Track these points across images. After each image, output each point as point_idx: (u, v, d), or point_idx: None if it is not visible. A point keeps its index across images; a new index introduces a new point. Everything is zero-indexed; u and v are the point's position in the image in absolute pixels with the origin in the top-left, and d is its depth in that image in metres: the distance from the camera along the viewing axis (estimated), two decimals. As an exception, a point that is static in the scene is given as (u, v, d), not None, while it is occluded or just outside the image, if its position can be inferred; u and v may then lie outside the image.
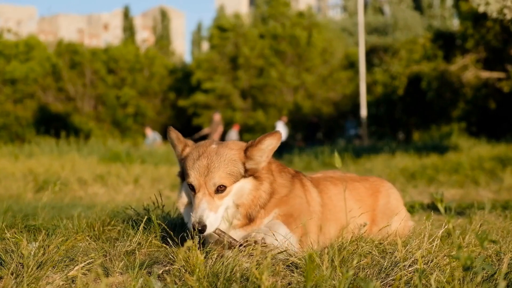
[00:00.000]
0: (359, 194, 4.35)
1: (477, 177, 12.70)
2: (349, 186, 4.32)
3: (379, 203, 4.41)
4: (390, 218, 4.33)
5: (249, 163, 3.67)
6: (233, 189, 3.61)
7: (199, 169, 3.59)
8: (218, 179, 3.56)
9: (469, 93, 30.62)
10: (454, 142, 21.86)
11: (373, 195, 4.43)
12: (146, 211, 4.53)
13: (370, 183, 4.53)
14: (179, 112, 47.66)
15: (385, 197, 4.46)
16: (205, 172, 3.57)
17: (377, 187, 4.51)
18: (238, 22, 46.88)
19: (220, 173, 3.57)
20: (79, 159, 16.48)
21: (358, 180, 4.53)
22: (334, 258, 3.20)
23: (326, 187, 4.23)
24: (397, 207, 4.45)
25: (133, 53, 48.22)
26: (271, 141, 3.70)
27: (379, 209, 4.38)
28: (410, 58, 33.55)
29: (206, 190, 3.56)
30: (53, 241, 3.63)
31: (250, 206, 3.66)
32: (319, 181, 4.27)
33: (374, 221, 4.32)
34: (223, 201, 3.57)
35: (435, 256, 3.38)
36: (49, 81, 45.11)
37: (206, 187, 3.56)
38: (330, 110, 43.24)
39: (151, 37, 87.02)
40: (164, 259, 3.58)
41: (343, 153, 19.00)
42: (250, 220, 3.68)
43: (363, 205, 4.31)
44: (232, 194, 3.61)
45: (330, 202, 4.13)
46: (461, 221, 5.33)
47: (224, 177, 3.57)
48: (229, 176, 3.59)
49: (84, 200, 10.15)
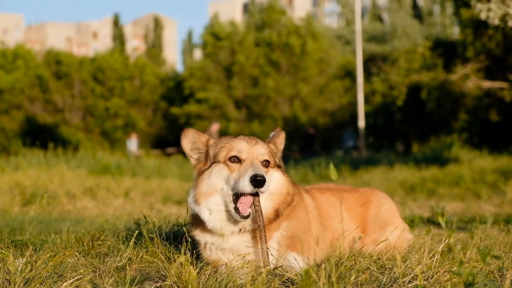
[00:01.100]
0: (348, 204, 4.36)
1: (478, 190, 12.72)
2: (338, 195, 4.34)
3: (370, 213, 4.42)
4: (383, 228, 4.35)
5: (277, 154, 3.79)
6: (271, 174, 3.64)
7: (246, 140, 3.65)
8: (265, 151, 3.63)
9: (470, 104, 30.70)
10: (454, 154, 21.87)
11: (364, 205, 4.45)
12: (137, 226, 4.53)
13: (360, 193, 4.56)
14: (171, 122, 47.63)
15: (376, 207, 4.47)
16: (253, 142, 3.64)
17: (368, 197, 4.52)
18: (233, 30, 46.95)
19: (266, 148, 3.65)
20: (67, 172, 16.44)
21: (348, 191, 4.55)
22: (331, 274, 3.20)
23: (313, 195, 4.25)
24: (390, 217, 4.45)
25: (121, 62, 48.23)
26: (282, 138, 3.87)
27: (370, 219, 4.39)
28: (409, 68, 33.61)
29: (254, 158, 3.58)
30: (40, 256, 3.62)
31: (283, 200, 3.69)
32: (308, 190, 4.31)
33: (365, 232, 4.33)
34: (267, 174, 3.58)
35: (436, 272, 3.39)
36: (36, 92, 45.09)
37: (255, 155, 3.59)
38: (327, 121, 43.29)
39: (142, 46, 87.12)
40: (155, 275, 3.58)
41: (340, 165, 19.01)
42: (277, 216, 3.67)
43: (353, 215, 4.32)
44: (270, 179, 3.61)
45: (321, 208, 4.16)
46: (462, 235, 5.33)
47: (267, 154, 3.64)
48: (270, 154, 3.67)
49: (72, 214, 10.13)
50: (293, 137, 41.17)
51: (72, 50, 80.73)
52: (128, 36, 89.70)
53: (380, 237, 4.24)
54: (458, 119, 31.78)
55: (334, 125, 43.48)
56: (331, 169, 3.69)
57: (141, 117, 47.35)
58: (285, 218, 3.73)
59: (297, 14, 71.64)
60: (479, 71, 29.28)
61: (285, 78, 43.67)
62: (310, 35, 45.31)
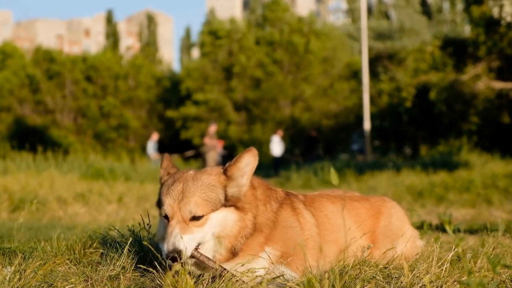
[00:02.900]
0: (358, 215, 4.31)
1: (490, 196, 12.70)
2: (348, 206, 4.28)
3: (380, 224, 4.38)
4: (393, 240, 4.30)
5: (231, 185, 3.57)
6: (211, 218, 3.50)
7: (173, 195, 3.51)
8: (194, 205, 3.45)
9: (481, 105, 30.67)
10: (464, 158, 21.87)
11: (374, 216, 4.40)
12: (131, 232, 4.52)
13: (371, 203, 4.49)
14: (167, 124, 47.69)
15: (387, 218, 4.43)
16: (179, 198, 3.48)
17: (379, 208, 4.47)
18: (233, 28, 46.87)
19: (196, 198, 3.47)
20: (58, 176, 16.42)
21: (358, 200, 4.48)
22: (335, 284, 3.20)
23: (321, 205, 4.19)
24: (400, 228, 4.42)
25: (113, 61, 48.25)
26: (249, 159, 3.60)
27: (380, 231, 4.35)
28: (417, 67, 33.59)
29: (180, 217, 3.45)
30: (30, 265, 3.63)
31: (236, 238, 3.55)
32: (313, 199, 4.22)
33: (375, 244, 4.28)
34: (201, 228, 3.46)
35: (445, 282, 3.39)
36: (26, 92, 45.10)
37: (181, 214, 3.46)
38: (331, 123, 43.28)
39: (136, 44, 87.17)
40: (150, 285, 3.58)
41: (344, 170, 19.00)
42: (234, 254, 3.57)
43: (363, 227, 4.27)
44: (212, 225, 3.50)
45: (327, 221, 4.09)
46: (472, 243, 5.33)
47: (200, 204, 3.46)
48: (206, 202, 3.48)
49: (63, 221, 10.12)
50: (295, 140, 41.20)
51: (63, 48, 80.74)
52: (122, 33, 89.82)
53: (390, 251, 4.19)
54: (469, 121, 31.76)
55: (338, 127, 43.48)
56: (332, 173, 3.65)
57: (135, 118, 47.37)
58: (268, 242, 3.66)
59: (300, 12, 71.62)
60: (490, 71, 29.27)
61: (288, 78, 43.66)
62: (313, 33, 45.29)
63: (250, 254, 3.60)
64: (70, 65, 46.78)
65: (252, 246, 3.63)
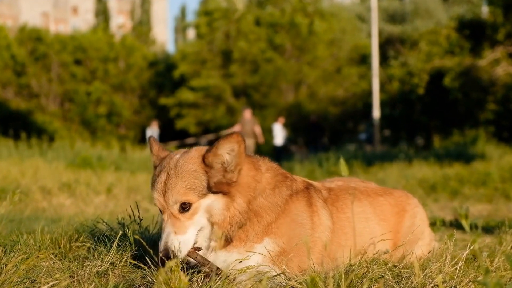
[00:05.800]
0: (383, 213, 4.20)
1: (508, 191, 12.69)
2: (373, 202, 4.20)
3: (404, 224, 4.27)
4: (414, 243, 4.21)
5: (212, 172, 3.53)
6: (201, 205, 3.50)
7: (157, 188, 3.54)
8: (178, 196, 3.47)
9: (500, 93, 30.59)
10: (481, 150, 21.84)
11: (399, 213, 4.28)
12: (120, 226, 4.52)
13: (395, 198, 4.36)
14: (160, 111, 47.58)
15: (411, 217, 4.32)
16: (163, 190, 3.51)
17: (403, 205, 4.34)
18: (230, 7, 46.64)
19: (179, 188, 3.48)
20: (42, 165, 16.43)
21: (382, 194, 4.34)
22: (341, 283, 3.19)
23: (345, 205, 4.05)
24: (422, 231, 4.34)
25: (104, 41, 48.12)
26: (228, 145, 3.53)
27: (403, 232, 4.24)
28: (431, 51, 33.47)
29: (169, 211, 3.50)
30: (11, 259, 3.62)
31: (224, 226, 3.55)
32: (338, 197, 4.10)
33: (396, 246, 4.16)
34: (193, 220, 3.49)
35: (459, 282, 3.38)
36: (9, 74, 45.02)
37: (168, 208, 3.49)
38: (337, 110, 43.19)
39: (128, 23, 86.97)
40: (141, 282, 3.57)
41: (351, 161, 18.98)
42: (228, 241, 3.57)
43: (387, 226, 4.16)
44: (202, 213, 3.51)
45: (349, 225, 3.97)
46: (489, 241, 5.33)
47: (184, 193, 3.47)
48: (190, 191, 3.47)
49: (48, 212, 10.12)
50: (298, 128, 41.13)
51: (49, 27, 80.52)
52: (113, 11, 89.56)
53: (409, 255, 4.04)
54: (486, 109, 31.68)
55: (345, 115, 43.38)
56: (342, 164, 3.61)
57: (126, 104, 47.30)
58: (269, 232, 3.63)
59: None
60: (510, 56, 29.19)
61: (290, 62, 43.52)
62: (318, 13, 45.11)
63: (246, 243, 3.60)
64: (58, 45, 46.62)
65: (249, 235, 3.62)
